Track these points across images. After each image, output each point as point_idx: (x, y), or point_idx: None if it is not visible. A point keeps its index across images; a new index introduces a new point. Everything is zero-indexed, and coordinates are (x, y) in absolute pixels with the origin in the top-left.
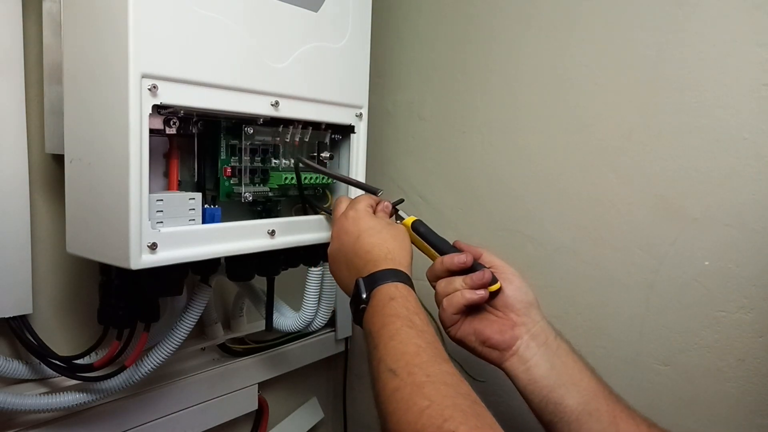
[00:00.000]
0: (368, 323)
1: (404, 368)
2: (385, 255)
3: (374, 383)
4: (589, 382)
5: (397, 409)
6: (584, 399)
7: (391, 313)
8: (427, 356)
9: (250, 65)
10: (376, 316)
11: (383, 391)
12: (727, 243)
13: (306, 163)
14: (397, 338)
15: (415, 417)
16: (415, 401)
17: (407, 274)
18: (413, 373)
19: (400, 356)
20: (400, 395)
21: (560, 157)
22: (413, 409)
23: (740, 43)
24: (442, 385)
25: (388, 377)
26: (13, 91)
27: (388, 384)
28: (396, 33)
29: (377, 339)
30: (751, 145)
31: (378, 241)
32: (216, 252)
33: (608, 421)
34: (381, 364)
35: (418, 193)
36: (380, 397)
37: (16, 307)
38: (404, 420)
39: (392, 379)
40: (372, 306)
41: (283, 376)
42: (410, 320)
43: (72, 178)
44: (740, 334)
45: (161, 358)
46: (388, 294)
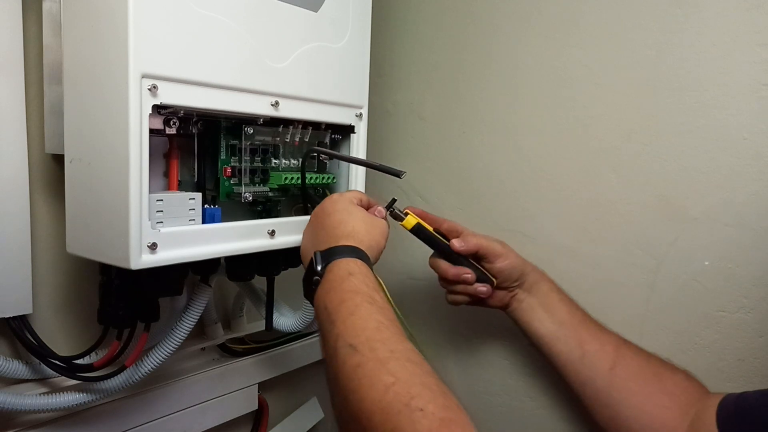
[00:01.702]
0: (323, 299)
1: (365, 344)
2: (350, 233)
3: (331, 361)
4: (562, 313)
5: (361, 385)
6: (555, 326)
7: (351, 289)
8: (389, 333)
9: (250, 65)
10: (333, 292)
11: (343, 368)
12: (727, 243)
13: (322, 151)
14: (357, 314)
15: (381, 394)
16: (380, 377)
17: (368, 255)
18: (375, 348)
19: (361, 332)
20: (363, 371)
21: (560, 157)
22: (378, 386)
23: (740, 43)
24: (407, 362)
25: (348, 353)
26: (13, 91)
27: (348, 360)
28: (396, 33)
29: (335, 315)
30: (751, 145)
31: (347, 219)
32: (216, 252)
33: (574, 344)
34: (339, 339)
35: (418, 193)
36: (340, 374)
37: (16, 307)
38: (368, 397)
39: (353, 355)
40: (328, 281)
41: (283, 376)
42: (371, 297)
43: (72, 178)
44: (740, 334)
45: (161, 358)
46: (347, 269)
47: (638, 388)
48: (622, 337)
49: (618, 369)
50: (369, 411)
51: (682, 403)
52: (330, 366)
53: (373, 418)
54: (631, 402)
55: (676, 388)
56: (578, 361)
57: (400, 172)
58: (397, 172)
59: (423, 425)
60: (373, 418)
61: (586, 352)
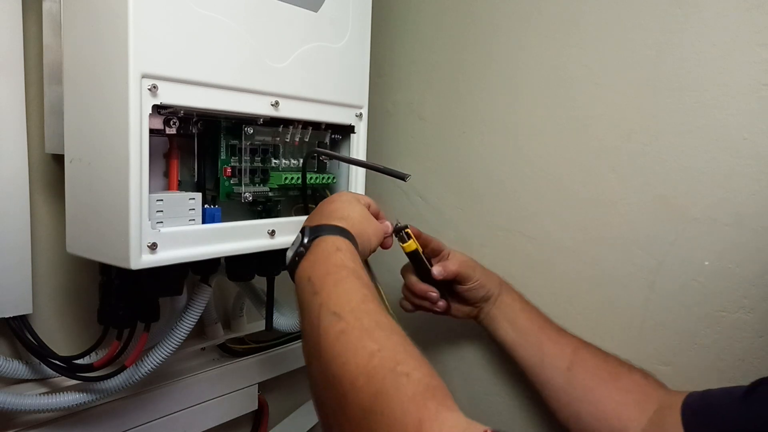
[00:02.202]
0: (307, 270)
1: (351, 313)
2: (343, 217)
3: (311, 331)
4: (522, 321)
5: (345, 351)
6: (516, 335)
7: (337, 263)
8: (374, 306)
9: (250, 65)
10: (319, 264)
11: (326, 335)
12: (727, 243)
13: (327, 153)
14: (342, 286)
15: (365, 359)
16: (365, 344)
17: (356, 240)
18: (360, 318)
19: (345, 302)
20: (347, 338)
21: (560, 157)
22: (362, 352)
23: (740, 43)
24: (391, 333)
25: (332, 320)
26: (13, 91)
27: (332, 327)
28: (396, 33)
29: (319, 285)
30: (751, 145)
31: (345, 208)
32: (216, 252)
33: (534, 350)
34: (323, 308)
35: (418, 193)
36: (321, 341)
37: (16, 307)
38: (352, 362)
39: (337, 323)
40: (314, 254)
41: (283, 376)
42: (357, 272)
43: (72, 178)
44: (740, 334)
45: (161, 358)
46: (334, 245)
47: (595, 385)
48: (581, 340)
49: (575, 369)
50: (352, 375)
51: (637, 399)
52: (310, 335)
53: (356, 383)
54: (589, 399)
55: (632, 386)
56: (538, 365)
57: (405, 175)
58: (402, 175)
59: (408, 389)
60: (357, 382)
61: (546, 355)
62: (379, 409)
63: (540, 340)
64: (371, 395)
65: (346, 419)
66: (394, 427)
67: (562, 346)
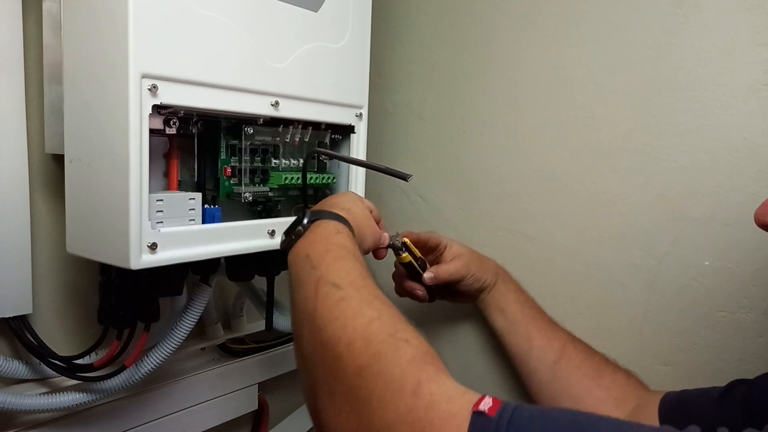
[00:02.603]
0: (305, 248)
1: (350, 285)
2: (344, 209)
3: (306, 301)
4: (514, 311)
5: (343, 315)
6: (507, 323)
7: (338, 243)
8: (372, 284)
9: (250, 65)
10: (319, 243)
11: (324, 303)
12: (727, 243)
13: (328, 153)
14: (341, 262)
15: (365, 324)
16: (364, 311)
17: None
18: (360, 289)
19: (345, 275)
20: (346, 305)
21: (560, 156)
22: (361, 318)
23: (740, 43)
24: (390, 307)
25: (331, 290)
26: (13, 91)
27: (330, 296)
28: (396, 33)
29: (317, 261)
30: (751, 145)
31: (347, 202)
32: (216, 252)
33: (523, 339)
34: (321, 280)
35: (418, 193)
36: (318, 308)
37: (16, 307)
38: (351, 326)
39: (336, 292)
40: (314, 233)
41: (283, 376)
42: (356, 255)
43: (72, 178)
44: (740, 334)
45: (161, 358)
46: (335, 228)
47: (577, 381)
48: (571, 336)
49: (561, 363)
50: (350, 338)
51: (617, 397)
52: (304, 305)
53: (353, 345)
54: (570, 393)
55: (613, 384)
56: (526, 353)
57: (407, 175)
58: (404, 175)
59: (407, 352)
60: (354, 344)
61: (534, 346)
62: (377, 369)
63: (530, 332)
64: (369, 356)
65: (338, 380)
66: (391, 385)
67: (551, 339)
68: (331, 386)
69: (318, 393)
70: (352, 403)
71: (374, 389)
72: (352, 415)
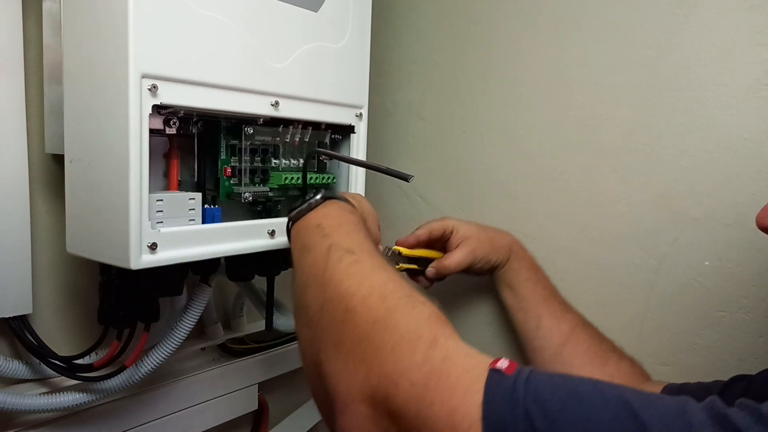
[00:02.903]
0: (317, 219)
1: (364, 252)
2: (354, 200)
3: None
4: (525, 290)
5: (359, 273)
6: (516, 300)
7: (350, 220)
8: (384, 258)
9: (250, 65)
10: (332, 216)
11: (337, 263)
12: (727, 243)
13: (329, 153)
14: (355, 234)
15: (381, 283)
16: (379, 273)
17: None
18: (373, 257)
19: (358, 244)
20: (361, 266)
21: (560, 157)
22: (377, 278)
23: (740, 43)
24: (403, 277)
25: (344, 254)
26: (13, 91)
27: (344, 259)
28: (396, 33)
29: (330, 230)
30: (751, 145)
31: (357, 199)
32: (216, 252)
33: (532, 317)
34: (334, 246)
35: (418, 193)
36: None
37: (16, 307)
38: (367, 282)
39: (350, 255)
40: (327, 208)
41: (283, 376)
42: (367, 233)
43: (72, 178)
44: (740, 334)
45: (161, 358)
46: (347, 208)
47: (581, 365)
48: (582, 319)
49: (568, 346)
50: (365, 293)
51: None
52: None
53: (369, 299)
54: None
55: (616, 372)
56: (533, 332)
57: (408, 176)
58: (405, 176)
59: (423, 311)
60: (370, 299)
61: (541, 326)
62: (392, 322)
63: (539, 312)
64: (384, 309)
65: (349, 331)
66: (406, 336)
67: (560, 321)
68: (340, 337)
69: (322, 346)
70: (362, 353)
71: (388, 339)
72: (361, 364)
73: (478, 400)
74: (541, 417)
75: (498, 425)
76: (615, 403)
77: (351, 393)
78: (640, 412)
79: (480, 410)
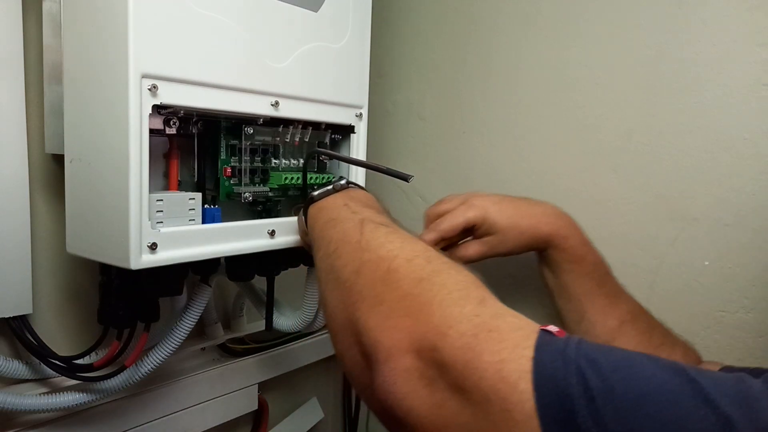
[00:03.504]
0: (344, 199)
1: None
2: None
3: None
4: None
5: (399, 239)
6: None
7: (377, 206)
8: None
9: (250, 65)
10: (357, 200)
11: (374, 232)
12: (727, 243)
13: (328, 153)
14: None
15: (423, 248)
16: (418, 242)
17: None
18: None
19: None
20: (398, 235)
21: (560, 157)
22: (417, 244)
23: (740, 43)
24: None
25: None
26: (13, 91)
27: (379, 228)
28: (396, 33)
29: (358, 209)
30: (751, 145)
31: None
32: (216, 252)
33: (574, 307)
34: (366, 220)
35: (418, 193)
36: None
37: (16, 307)
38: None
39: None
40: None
41: (283, 376)
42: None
43: (72, 178)
44: (740, 334)
45: (161, 358)
46: (370, 196)
47: None
48: (633, 312)
49: (616, 342)
50: (409, 255)
51: None
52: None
53: (414, 261)
54: None
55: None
56: (574, 323)
57: (408, 176)
58: (405, 176)
59: (467, 276)
60: (415, 260)
61: (585, 319)
62: (439, 280)
63: (583, 305)
64: (430, 270)
65: (391, 289)
66: (455, 293)
67: (606, 316)
68: (380, 295)
69: (359, 304)
70: (407, 308)
71: (436, 294)
72: (406, 317)
73: (529, 354)
74: (593, 374)
75: (549, 379)
76: (669, 369)
77: (395, 345)
78: (698, 378)
79: (530, 363)
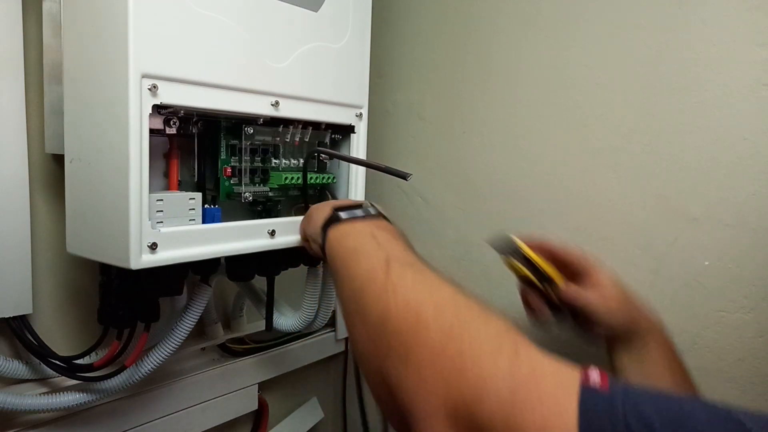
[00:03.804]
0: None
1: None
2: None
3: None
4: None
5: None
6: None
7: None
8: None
9: (250, 65)
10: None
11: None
12: (727, 243)
13: (328, 152)
14: (411, 253)
15: (451, 293)
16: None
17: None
18: (435, 272)
19: (417, 261)
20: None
21: (560, 157)
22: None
23: (740, 43)
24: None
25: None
26: (13, 91)
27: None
28: (396, 33)
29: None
30: (751, 145)
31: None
32: (216, 252)
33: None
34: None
35: (419, 194)
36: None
37: (16, 307)
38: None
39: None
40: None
41: (283, 376)
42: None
43: (72, 178)
44: (740, 334)
45: (161, 358)
46: (398, 231)
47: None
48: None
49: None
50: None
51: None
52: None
53: (442, 308)
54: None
55: None
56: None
57: (406, 174)
58: (403, 174)
59: (498, 323)
60: (443, 307)
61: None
62: (468, 333)
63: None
64: (459, 320)
65: (421, 343)
66: (486, 346)
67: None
68: (409, 349)
69: (389, 356)
70: (438, 366)
71: (467, 351)
72: (439, 377)
73: (573, 411)
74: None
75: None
76: (724, 418)
77: (430, 407)
78: (754, 429)
79: (575, 420)
